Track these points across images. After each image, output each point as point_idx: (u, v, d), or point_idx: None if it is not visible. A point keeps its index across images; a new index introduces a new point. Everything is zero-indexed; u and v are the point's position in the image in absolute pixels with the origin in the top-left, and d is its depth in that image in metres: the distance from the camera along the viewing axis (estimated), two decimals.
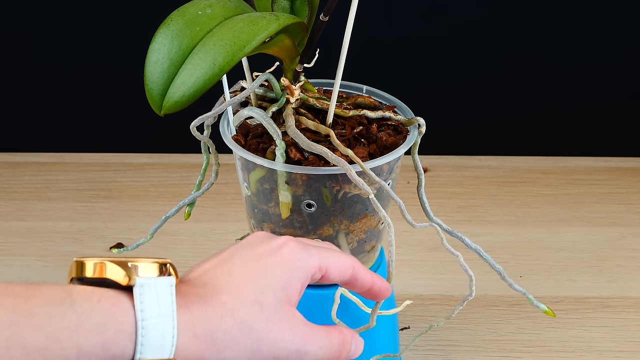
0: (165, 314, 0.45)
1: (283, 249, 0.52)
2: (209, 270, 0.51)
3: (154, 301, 0.45)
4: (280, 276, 0.51)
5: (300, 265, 0.52)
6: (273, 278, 0.50)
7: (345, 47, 0.63)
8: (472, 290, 0.68)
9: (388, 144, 0.65)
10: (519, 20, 1.09)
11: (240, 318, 0.48)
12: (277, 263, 0.51)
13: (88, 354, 0.43)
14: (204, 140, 0.68)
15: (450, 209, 1.04)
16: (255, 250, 0.52)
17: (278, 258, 0.51)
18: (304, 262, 0.52)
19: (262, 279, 0.50)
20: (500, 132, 1.15)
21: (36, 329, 0.42)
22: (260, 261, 0.51)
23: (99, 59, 1.11)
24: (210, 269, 0.51)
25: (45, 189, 1.07)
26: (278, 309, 0.50)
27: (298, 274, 0.51)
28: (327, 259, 0.54)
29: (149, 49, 0.55)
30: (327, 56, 0.67)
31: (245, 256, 0.51)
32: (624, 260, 0.95)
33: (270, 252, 0.52)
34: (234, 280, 0.49)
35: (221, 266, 0.51)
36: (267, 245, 0.52)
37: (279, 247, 0.52)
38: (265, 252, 0.52)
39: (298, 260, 0.52)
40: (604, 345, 0.83)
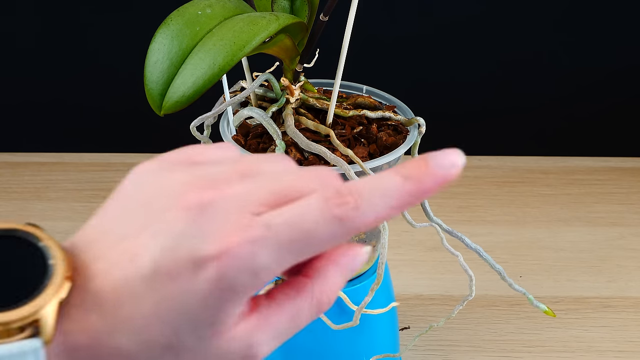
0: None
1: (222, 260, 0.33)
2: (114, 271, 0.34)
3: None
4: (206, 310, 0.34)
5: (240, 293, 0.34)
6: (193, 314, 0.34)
7: (345, 47, 0.63)
8: (472, 290, 0.68)
9: (388, 144, 0.65)
10: (519, 21, 1.09)
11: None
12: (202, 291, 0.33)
13: None
14: (204, 140, 0.68)
15: (450, 209, 1.04)
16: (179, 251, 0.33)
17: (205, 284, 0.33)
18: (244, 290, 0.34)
19: (177, 315, 0.33)
20: (500, 132, 1.15)
21: None
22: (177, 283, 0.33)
23: (99, 60, 1.11)
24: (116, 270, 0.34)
25: (45, 189, 1.07)
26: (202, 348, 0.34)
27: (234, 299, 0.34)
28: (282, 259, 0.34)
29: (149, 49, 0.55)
30: (327, 56, 0.67)
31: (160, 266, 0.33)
32: (624, 260, 0.95)
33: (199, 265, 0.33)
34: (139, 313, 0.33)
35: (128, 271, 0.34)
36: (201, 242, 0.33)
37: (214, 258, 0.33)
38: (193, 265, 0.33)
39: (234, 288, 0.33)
40: (604, 345, 0.83)
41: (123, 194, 0.37)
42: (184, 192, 0.35)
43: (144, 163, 0.38)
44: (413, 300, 0.89)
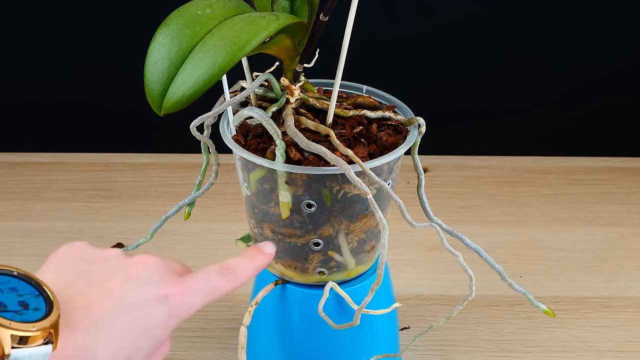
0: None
1: (170, 301, 0.52)
2: (94, 304, 0.50)
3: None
4: (159, 331, 0.51)
5: (181, 318, 0.52)
6: (152, 334, 0.51)
7: (345, 47, 0.63)
8: (472, 290, 0.68)
9: (388, 144, 0.65)
10: (519, 21, 1.09)
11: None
12: (160, 317, 0.51)
13: None
14: (204, 140, 0.68)
15: (450, 209, 1.04)
16: (144, 293, 0.51)
17: (163, 312, 0.51)
18: (184, 316, 0.53)
19: (141, 335, 0.50)
20: (500, 132, 1.15)
21: None
22: (145, 312, 0.50)
23: (99, 60, 1.11)
24: (96, 305, 0.49)
25: (45, 189, 1.07)
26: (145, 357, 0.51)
27: (175, 324, 0.52)
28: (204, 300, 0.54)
29: (149, 49, 0.55)
30: (327, 56, 0.67)
31: (133, 300, 0.50)
32: (624, 260, 0.95)
33: (158, 301, 0.51)
34: (115, 332, 0.49)
35: (106, 305, 0.50)
36: (156, 289, 0.52)
37: (166, 298, 0.52)
38: (154, 300, 0.51)
39: (180, 314, 0.52)
40: (604, 345, 0.83)
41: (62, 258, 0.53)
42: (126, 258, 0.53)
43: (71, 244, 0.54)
44: (413, 300, 0.89)
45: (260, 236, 0.68)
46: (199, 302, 0.53)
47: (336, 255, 0.66)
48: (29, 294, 0.48)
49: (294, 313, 0.69)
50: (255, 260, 0.58)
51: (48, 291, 0.48)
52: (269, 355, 0.71)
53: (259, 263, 0.58)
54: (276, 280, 0.70)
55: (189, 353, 0.82)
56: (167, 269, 0.53)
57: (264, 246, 0.59)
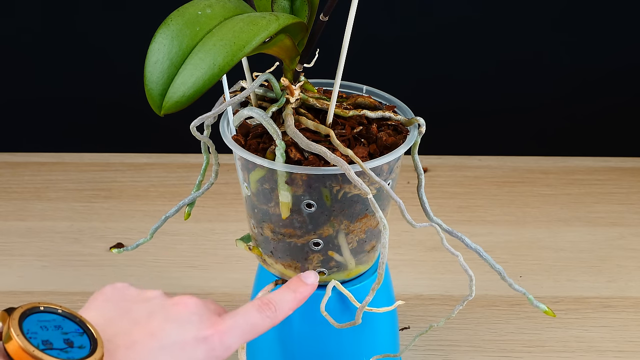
0: None
1: (210, 342, 0.53)
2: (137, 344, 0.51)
3: None
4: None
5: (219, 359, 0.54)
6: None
7: (345, 47, 0.63)
8: (472, 290, 0.68)
9: (388, 144, 0.65)
10: (519, 20, 1.09)
11: None
12: (200, 358, 0.52)
13: None
14: (204, 140, 0.68)
15: (450, 209, 1.04)
16: (185, 334, 0.52)
17: (203, 353, 0.52)
18: (224, 356, 0.54)
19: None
20: (500, 132, 1.15)
21: None
22: (185, 352, 0.52)
23: (99, 59, 1.11)
24: (138, 344, 0.51)
25: (45, 189, 1.07)
26: None
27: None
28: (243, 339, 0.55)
29: (149, 49, 0.55)
30: (327, 56, 0.67)
31: (175, 340, 0.52)
32: (624, 260, 0.95)
33: (199, 342, 0.52)
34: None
35: (149, 344, 0.51)
36: (197, 330, 0.53)
37: (206, 339, 0.53)
38: (194, 341, 0.52)
39: (220, 355, 0.53)
40: (604, 345, 0.83)
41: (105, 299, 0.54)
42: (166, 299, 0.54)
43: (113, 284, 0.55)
44: (413, 300, 0.89)
45: (260, 236, 0.68)
46: (236, 341, 0.54)
47: (336, 255, 0.66)
48: (73, 332, 0.48)
49: (294, 313, 0.69)
50: (298, 292, 0.58)
51: (92, 329, 0.49)
52: (269, 355, 0.71)
53: (301, 295, 0.58)
54: (276, 280, 0.70)
55: None
56: (205, 310, 0.54)
57: (307, 276, 0.59)
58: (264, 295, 0.57)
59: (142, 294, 0.55)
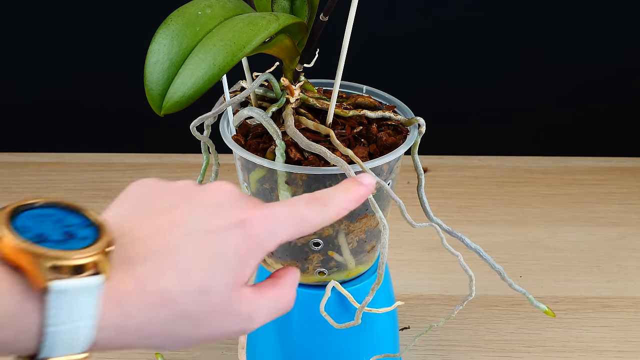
0: (82, 322, 0.40)
1: (248, 226, 0.44)
2: (157, 233, 0.43)
3: (69, 310, 0.39)
4: (236, 258, 0.44)
5: (264, 248, 0.45)
6: (227, 261, 0.43)
7: (345, 47, 0.63)
8: (472, 290, 0.68)
9: (388, 144, 0.65)
10: (519, 20, 1.09)
11: (180, 308, 0.42)
12: (236, 242, 0.44)
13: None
14: (204, 140, 0.68)
15: (450, 209, 1.04)
16: (216, 219, 0.44)
17: (240, 237, 0.44)
18: (268, 244, 0.45)
19: (214, 261, 0.43)
20: (500, 132, 1.15)
21: None
22: (217, 236, 0.44)
23: (99, 60, 1.11)
24: (159, 233, 0.43)
25: (45, 189, 1.07)
26: (226, 295, 0.43)
27: (258, 255, 0.45)
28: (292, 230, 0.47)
29: (149, 50, 0.55)
30: (327, 56, 0.67)
31: (203, 226, 0.44)
32: (624, 260, 0.95)
33: (233, 226, 0.44)
34: (182, 260, 0.42)
35: (171, 233, 0.43)
36: (227, 215, 0.45)
37: (242, 222, 0.44)
38: (227, 225, 0.44)
39: (262, 241, 0.45)
40: (604, 345, 0.83)
41: (127, 194, 0.47)
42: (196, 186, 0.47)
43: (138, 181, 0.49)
44: (413, 300, 0.89)
45: None
46: (284, 230, 0.46)
47: (336, 255, 0.66)
48: (77, 224, 0.41)
49: (294, 313, 0.69)
50: (351, 191, 0.49)
51: (100, 220, 0.42)
52: (269, 355, 0.71)
53: (355, 195, 0.49)
54: None
55: (190, 353, 0.82)
56: (242, 196, 0.46)
57: (363, 177, 0.50)
58: (313, 192, 0.49)
59: (169, 184, 0.47)
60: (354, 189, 0.49)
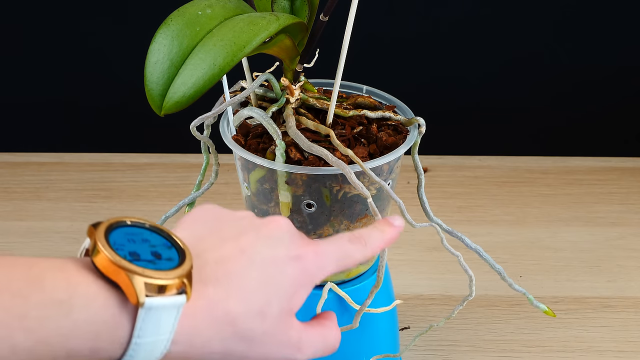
0: (162, 336, 0.45)
1: (303, 261, 0.50)
2: (226, 259, 0.49)
3: (155, 325, 0.45)
4: (291, 289, 0.50)
5: (314, 280, 0.51)
6: (283, 290, 0.49)
7: (345, 47, 0.63)
8: (472, 290, 0.68)
9: (388, 144, 0.65)
10: (519, 20, 1.09)
11: (239, 328, 0.48)
12: (293, 275, 0.50)
13: (76, 353, 0.44)
14: (204, 140, 0.68)
15: (450, 209, 1.04)
16: (277, 251, 0.50)
17: (296, 270, 0.50)
18: (317, 278, 0.51)
19: (273, 289, 0.49)
20: (500, 132, 1.15)
21: (28, 332, 0.42)
22: (277, 268, 0.49)
23: (99, 60, 1.11)
24: (228, 258, 0.49)
25: (45, 189, 1.07)
26: (279, 320, 0.49)
27: (308, 288, 0.51)
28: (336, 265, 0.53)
29: (149, 50, 0.55)
30: (327, 56, 0.67)
31: (266, 256, 0.50)
32: (624, 260, 0.95)
33: (291, 259, 0.50)
34: (247, 285, 0.48)
35: (239, 260, 0.49)
36: (287, 249, 0.51)
37: (299, 257, 0.50)
38: (286, 258, 0.50)
39: (313, 275, 0.51)
40: (604, 345, 0.83)
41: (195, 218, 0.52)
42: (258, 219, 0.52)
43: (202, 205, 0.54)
44: (413, 300, 0.89)
45: None
46: (331, 265, 0.51)
47: None
48: (161, 244, 0.47)
49: None
50: (385, 232, 0.55)
51: (180, 243, 0.47)
52: None
53: (388, 236, 0.55)
54: None
55: None
56: (297, 233, 0.52)
57: (394, 219, 0.56)
58: (354, 231, 0.55)
59: (234, 214, 0.53)
60: (388, 230, 0.55)
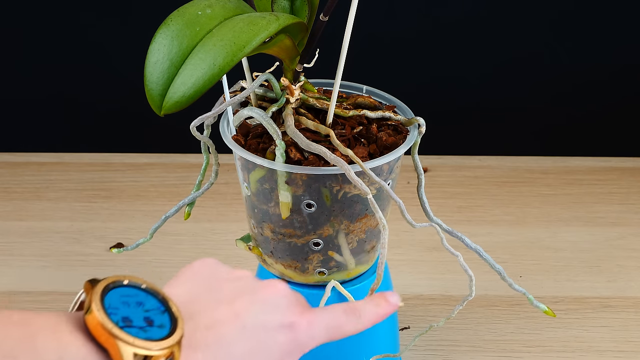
0: None
1: (295, 330, 0.51)
2: (219, 323, 0.49)
3: None
4: (280, 356, 0.50)
5: (303, 350, 0.52)
6: (271, 356, 0.50)
7: (345, 46, 0.63)
8: (472, 290, 0.68)
9: (388, 144, 0.65)
10: (519, 20, 1.09)
11: None
12: (283, 343, 0.50)
13: None
14: (204, 140, 0.68)
15: (450, 209, 1.04)
16: (270, 317, 0.51)
17: (287, 338, 0.51)
18: (307, 347, 0.52)
19: (261, 356, 0.50)
20: (500, 132, 1.15)
21: None
22: (268, 334, 0.50)
23: (99, 59, 1.11)
24: (220, 324, 0.49)
25: (45, 189, 1.07)
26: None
27: (296, 355, 0.52)
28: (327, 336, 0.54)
29: (149, 50, 0.55)
30: (327, 56, 0.67)
31: (258, 322, 0.50)
32: (624, 260, 0.95)
33: (283, 327, 0.51)
34: (236, 352, 0.49)
35: (231, 324, 0.49)
36: (281, 316, 0.51)
37: (291, 326, 0.51)
38: (279, 325, 0.51)
39: (303, 345, 0.52)
40: (604, 345, 0.83)
41: (193, 273, 0.52)
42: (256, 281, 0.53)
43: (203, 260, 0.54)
44: (413, 300, 0.89)
45: (260, 236, 0.68)
46: (322, 335, 0.52)
47: (336, 255, 0.67)
48: (154, 309, 0.47)
49: None
50: (380, 307, 0.56)
51: (174, 308, 0.47)
52: None
53: (382, 311, 0.56)
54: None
55: None
56: (294, 298, 0.52)
57: (390, 295, 0.57)
58: (349, 302, 0.56)
59: (232, 273, 0.53)
60: (384, 305, 0.56)
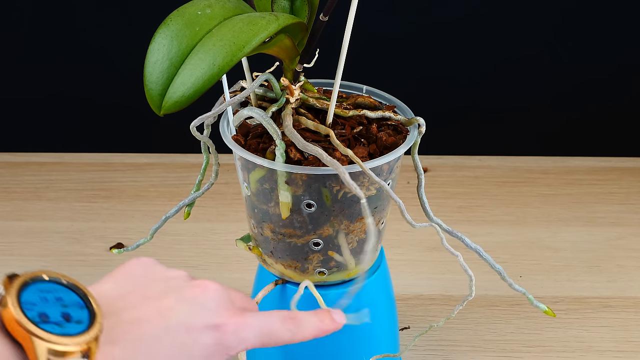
0: None
1: (221, 331, 0.50)
2: (142, 321, 0.48)
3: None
4: (201, 357, 0.49)
5: (229, 352, 0.50)
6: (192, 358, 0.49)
7: (345, 47, 0.63)
8: (472, 290, 0.68)
9: (388, 144, 0.65)
10: (519, 20, 1.09)
11: None
12: (206, 344, 0.49)
13: None
14: (204, 140, 0.68)
15: (450, 209, 1.04)
16: (195, 318, 0.49)
17: (211, 340, 0.49)
18: (234, 350, 0.50)
19: (182, 356, 0.48)
20: (500, 132, 1.15)
21: None
22: (191, 335, 0.49)
23: (99, 59, 1.11)
24: (144, 321, 0.48)
25: (45, 189, 1.07)
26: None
27: (220, 357, 0.50)
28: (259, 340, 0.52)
29: (149, 49, 0.55)
30: (327, 56, 0.67)
31: (182, 322, 0.49)
32: (624, 260, 0.95)
33: (208, 328, 0.49)
34: (156, 351, 0.48)
35: (155, 323, 0.48)
36: (207, 317, 0.50)
37: (217, 327, 0.50)
38: (203, 327, 0.49)
39: (228, 347, 0.50)
40: (604, 345, 0.83)
41: (126, 271, 0.52)
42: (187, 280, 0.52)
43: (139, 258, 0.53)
44: (413, 300, 0.89)
45: (260, 236, 0.68)
46: (252, 339, 0.51)
47: (336, 255, 0.66)
48: (73, 305, 0.46)
49: None
50: (323, 322, 0.55)
51: (94, 304, 0.46)
52: (269, 355, 0.71)
53: (325, 326, 0.55)
54: (276, 280, 0.70)
55: None
56: (226, 299, 0.51)
57: (335, 313, 0.56)
58: (292, 311, 0.55)
59: (166, 273, 0.52)
60: (327, 322, 0.55)
